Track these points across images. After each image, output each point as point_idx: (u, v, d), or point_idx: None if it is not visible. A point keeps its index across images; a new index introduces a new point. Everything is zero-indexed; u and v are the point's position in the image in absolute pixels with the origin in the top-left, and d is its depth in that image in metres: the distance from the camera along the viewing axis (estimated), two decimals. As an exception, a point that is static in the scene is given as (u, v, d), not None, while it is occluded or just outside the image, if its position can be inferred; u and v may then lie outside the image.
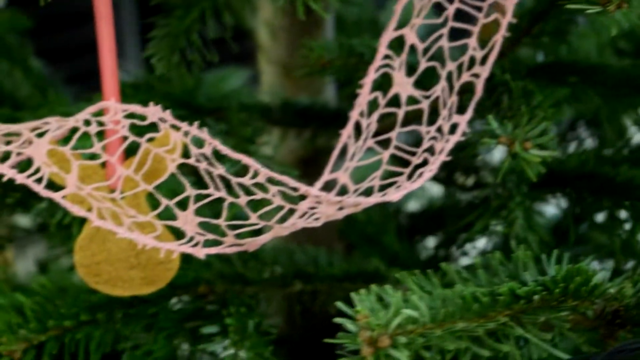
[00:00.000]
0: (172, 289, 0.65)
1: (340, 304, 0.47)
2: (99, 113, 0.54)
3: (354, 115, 0.59)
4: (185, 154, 0.52)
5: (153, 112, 0.53)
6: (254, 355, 0.61)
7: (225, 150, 0.51)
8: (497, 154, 0.84)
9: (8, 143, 0.55)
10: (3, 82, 0.89)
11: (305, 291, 0.71)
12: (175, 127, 0.52)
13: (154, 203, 0.56)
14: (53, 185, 0.53)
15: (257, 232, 0.54)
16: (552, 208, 0.80)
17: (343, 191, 0.56)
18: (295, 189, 0.52)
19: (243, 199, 0.52)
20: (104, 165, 0.57)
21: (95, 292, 0.62)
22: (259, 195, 0.52)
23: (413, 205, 0.97)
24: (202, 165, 0.52)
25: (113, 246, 0.57)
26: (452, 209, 0.85)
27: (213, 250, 0.53)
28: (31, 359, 0.59)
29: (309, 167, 0.83)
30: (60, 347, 0.61)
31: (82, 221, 0.65)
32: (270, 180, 0.51)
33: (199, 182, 0.54)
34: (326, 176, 0.57)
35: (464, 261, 0.84)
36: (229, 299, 0.65)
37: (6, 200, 0.65)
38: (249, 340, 0.61)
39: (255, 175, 0.51)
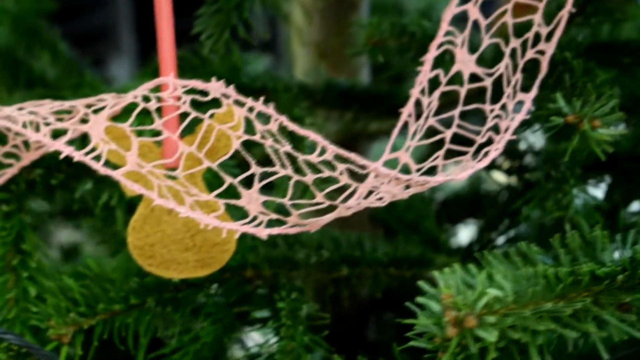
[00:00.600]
0: (219, 272, 0.63)
1: (422, 284, 0.45)
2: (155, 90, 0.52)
3: (414, 93, 0.57)
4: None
5: (216, 87, 0.51)
6: (308, 340, 0.59)
7: (292, 126, 0.50)
8: (532, 138, 0.83)
9: (59, 120, 0.53)
10: (33, 64, 0.88)
11: (351, 276, 0.69)
12: (239, 103, 0.51)
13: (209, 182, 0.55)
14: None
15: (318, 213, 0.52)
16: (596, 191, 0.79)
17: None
18: (363, 167, 0.50)
19: (309, 177, 0.50)
20: (158, 143, 0.55)
21: (144, 275, 0.61)
22: (326, 173, 0.50)
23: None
24: (268, 142, 0.50)
25: (168, 227, 0.56)
26: (491, 195, 0.83)
27: (275, 231, 0.52)
28: (80, 343, 0.58)
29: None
30: (109, 331, 0.59)
31: (128, 203, 0.64)
32: (338, 158, 0.50)
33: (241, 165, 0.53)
34: (386, 155, 0.55)
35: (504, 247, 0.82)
36: (278, 283, 0.63)
37: (50, 182, 0.63)
38: (302, 325, 0.60)
39: (323, 152, 0.50)
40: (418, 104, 0.57)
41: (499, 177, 0.85)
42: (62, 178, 0.63)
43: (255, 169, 0.50)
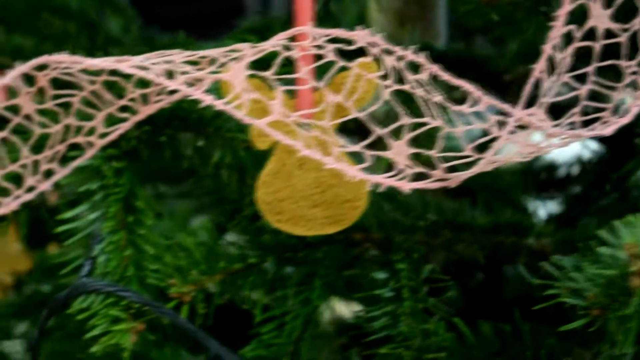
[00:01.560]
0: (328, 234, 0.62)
1: (603, 232, 0.44)
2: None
3: (546, 49, 0.56)
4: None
5: (362, 36, 0.49)
6: (431, 303, 0.58)
7: (445, 75, 0.48)
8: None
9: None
10: (99, 21, 0.86)
11: (453, 241, 0.68)
12: (388, 52, 0.49)
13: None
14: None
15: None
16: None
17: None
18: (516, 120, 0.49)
19: (460, 129, 0.49)
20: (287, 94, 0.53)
21: (262, 235, 0.60)
22: (477, 125, 0.49)
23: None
24: (419, 92, 0.48)
25: (298, 183, 0.54)
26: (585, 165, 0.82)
27: (418, 185, 0.50)
28: (201, 301, 0.56)
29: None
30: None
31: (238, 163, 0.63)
32: (490, 109, 0.48)
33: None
34: (517, 115, 0.54)
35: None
36: (388, 246, 0.62)
37: (160, 139, 0.62)
38: (424, 287, 0.59)
39: (475, 103, 0.49)
40: (550, 60, 0.55)
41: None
42: (171, 134, 0.62)
43: (405, 120, 0.49)
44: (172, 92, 0.57)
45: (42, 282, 0.80)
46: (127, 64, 0.51)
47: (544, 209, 0.86)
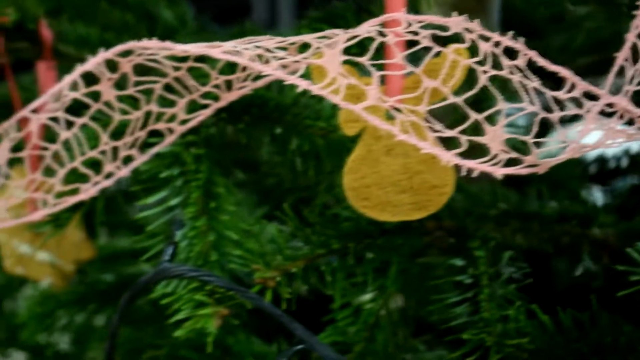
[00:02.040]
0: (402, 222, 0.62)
1: None
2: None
3: (630, 37, 0.56)
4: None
5: (457, 22, 0.50)
6: (509, 291, 0.58)
7: (542, 61, 0.49)
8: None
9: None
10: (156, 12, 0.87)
11: (521, 230, 0.68)
12: (484, 38, 0.49)
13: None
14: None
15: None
16: None
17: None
18: (610, 105, 0.49)
19: (556, 115, 0.49)
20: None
21: (342, 221, 0.60)
22: (573, 110, 0.49)
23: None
24: (516, 78, 0.49)
25: (385, 169, 0.54)
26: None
27: (510, 170, 0.51)
28: (285, 286, 0.57)
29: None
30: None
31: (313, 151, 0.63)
32: (587, 95, 0.49)
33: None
34: (604, 99, 0.54)
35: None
36: (461, 234, 0.62)
37: (238, 125, 0.62)
38: (503, 274, 0.59)
39: (572, 88, 0.49)
40: (635, 48, 0.56)
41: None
42: (248, 121, 0.62)
43: (502, 105, 0.49)
44: (256, 78, 0.58)
45: (104, 271, 0.81)
46: (219, 49, 0.52)
47: (598, 200, 0.86)
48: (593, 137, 0.52)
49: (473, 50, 0.50)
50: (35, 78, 0.80)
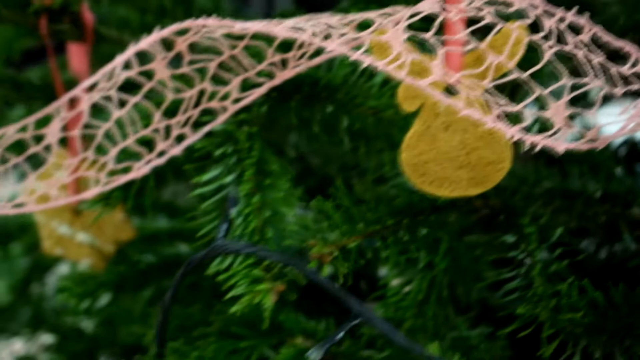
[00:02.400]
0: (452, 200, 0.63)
1: None
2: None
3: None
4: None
5: (521, -2, 0.50)
6: (562, 266, 0.59)
7: (605, 37, 0.49)
8: None
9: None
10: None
11: (564, 209, 0.69)
12: (548, 13, 0.50)
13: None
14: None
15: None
16: None
17: None
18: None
19: (619, 90, 0.50)
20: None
21: (394, 198, 0.61)
22: (637, 85, 0.50)
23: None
24: (580, 53, 0.49)
25: (443, 145, 0.55)
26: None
27: (571, 145, 0.51)
28: (342, 261, 0.57)
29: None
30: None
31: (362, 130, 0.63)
32: (649, 70, 0.49)
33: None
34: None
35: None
36: (517, 210, 0.63)
37: (290, 103, 0.63)
38: (553, 251, 0.59)
39: (636, 63, 0.49)
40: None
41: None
42: (300, 100, 0.63)
43: (566, 81, 0.50)
44: (312, 57, 0.58)
45: (145, 251, 0.81)
46: (281, 27, 0.52)
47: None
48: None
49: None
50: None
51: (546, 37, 0.50)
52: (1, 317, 1.13)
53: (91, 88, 0.62)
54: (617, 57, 0.51)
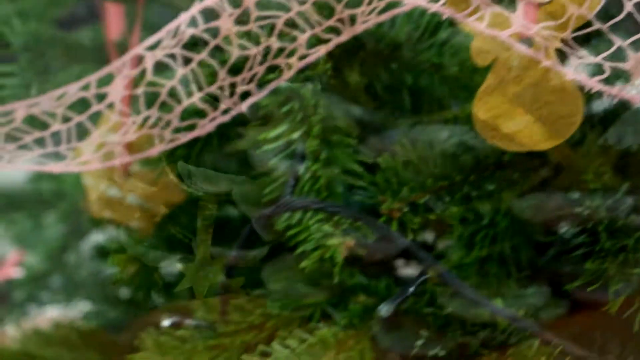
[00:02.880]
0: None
1: None
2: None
3: None
4: None
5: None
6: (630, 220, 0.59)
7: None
8: None
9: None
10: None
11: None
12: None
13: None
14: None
15: None
16: None
17: None
18: None
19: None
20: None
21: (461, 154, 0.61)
22: None
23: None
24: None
25: (515, 99, 0.55)
26: None
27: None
28: (410, 216, 0.58)
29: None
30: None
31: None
32: None
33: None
34: None
35: None
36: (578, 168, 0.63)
37: (355, 60, 0.63)
38: (620, 206, 0.60)
39: None
40: None
41: None
42: (364, 57, 0.63)
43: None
44: (382, 12, 0.58)
45: (194, 214, 0.81)
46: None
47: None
48: None
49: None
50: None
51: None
52: (36, 285, 1.14)
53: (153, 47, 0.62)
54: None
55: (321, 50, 0.61)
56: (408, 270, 0.65)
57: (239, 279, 0.61)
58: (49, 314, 1.14)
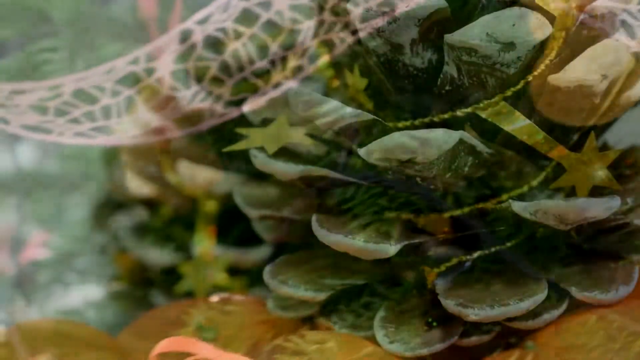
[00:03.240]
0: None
1: None
2: None
3: None
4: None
5: None
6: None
7: None
8: None
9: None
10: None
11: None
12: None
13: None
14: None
15: None
16: None
17: None
18: None
19: None
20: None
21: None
22: None
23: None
24: None
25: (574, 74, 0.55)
26: None
27: None
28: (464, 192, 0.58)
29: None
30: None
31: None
32: None
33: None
34: None
35: None
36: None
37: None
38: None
39: None
40: None
41: None
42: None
43: None
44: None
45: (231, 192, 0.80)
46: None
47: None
48: None
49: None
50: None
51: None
52: (61, 266, 1.13)
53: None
54: None
55: (375, 24, 0.60)
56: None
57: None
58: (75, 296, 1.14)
